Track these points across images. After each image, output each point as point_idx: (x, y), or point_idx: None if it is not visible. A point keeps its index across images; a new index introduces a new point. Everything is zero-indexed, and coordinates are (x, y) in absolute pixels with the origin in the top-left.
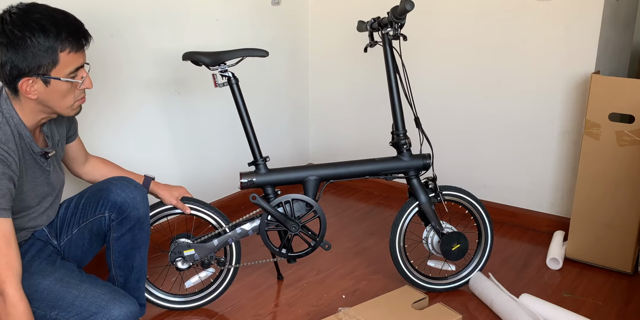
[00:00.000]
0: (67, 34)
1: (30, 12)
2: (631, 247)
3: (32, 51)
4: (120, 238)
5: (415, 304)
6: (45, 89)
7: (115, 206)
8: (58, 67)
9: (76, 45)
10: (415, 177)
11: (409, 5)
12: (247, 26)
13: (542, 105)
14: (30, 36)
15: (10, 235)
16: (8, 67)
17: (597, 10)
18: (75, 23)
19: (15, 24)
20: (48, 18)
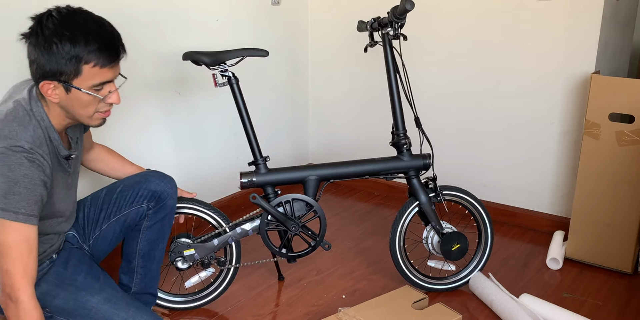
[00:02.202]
0: (95, 47)
1: (67, 18)
2: (631, 247)
3: (56, 57)
4: (152, 227)
5: (415, 304)
6: (66, 96)
7: (155, 196)
8: (80, 78)
9: (103, 60)
10: (415, 177)
11: (409, 5)
12: (247, 26)
13: (542, 105)
14: (57, 42)
15: (33, 243)
16: (34, 67)
17: (597, 11)
18: (109, 37)
19: (49, 26)
20: (81, 27)
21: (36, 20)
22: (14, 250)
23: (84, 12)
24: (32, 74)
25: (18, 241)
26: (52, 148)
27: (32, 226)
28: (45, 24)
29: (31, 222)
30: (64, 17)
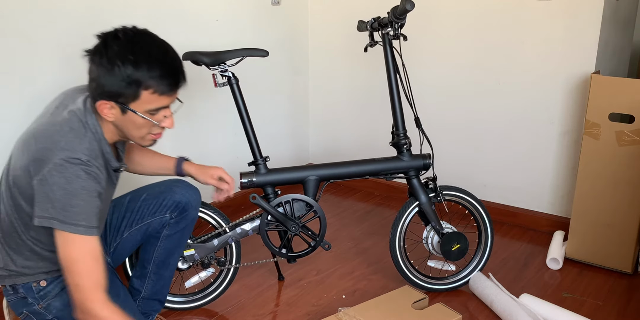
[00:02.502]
0: (157, 74)
1: (132, 41)
2: (631, 247)
3: (117, 79)
4: (172, 236)
5: (415, 304)
6: (121, 116)
7: (179, 206)
8: (138, 102)
9: (163, 88)
10: (416, 177)
11: (409, 5)
12: (247, 26)
13: (542, 105)
14: (120, 65)
15: (98, 254)
16: (94, 85)
17: (597, 11)
18: (172, 64)
19: (114, 48)
20: (145, 52)
21: (102, 39)
22: (80, 263)
23: (149, 35)
24: (91, 91)
25: (82, 254)
26: (104, 160)
27: (93, 237)
28: (110, 44)
29: (92, 233)
30: (129, 40)
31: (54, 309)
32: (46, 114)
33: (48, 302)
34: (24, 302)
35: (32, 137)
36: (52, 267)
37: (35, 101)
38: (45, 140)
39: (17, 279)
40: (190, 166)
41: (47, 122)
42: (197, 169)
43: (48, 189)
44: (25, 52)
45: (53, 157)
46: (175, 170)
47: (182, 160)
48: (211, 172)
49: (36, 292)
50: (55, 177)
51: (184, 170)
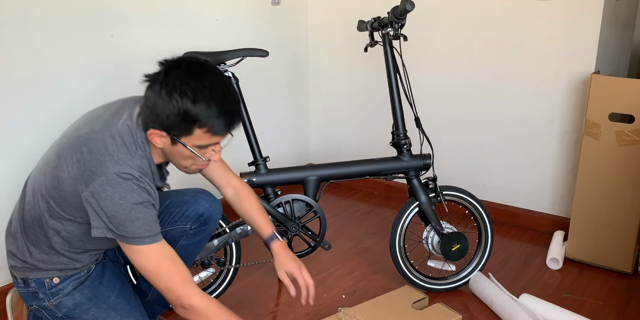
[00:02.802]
0: (214, 115)
1: (195, 75)
2: (631, 247)
3: (173, 113)
4: (187, 246)
5: (415, 304)
6: (170, 146)
7: (200, 219)
8: (190, 137)
9: (217, 128)
10: (416, 177)
11: (409, 6)
12: (247, 26)
13: (542, 105)
14: (178, 99)
15: (171, 253)
16: (149, 111)
17: (597, 10)
18: (230, 107)
19: (175, 81)
20: (206, 90)
21: (164, 68)
22: (160, 269)
23: (212, 70)
24: (144, 116)
25: (158, 260)
26: (151, 177)
27: (161, 242)
28: (171, 75)
29: (158, 240)
30: (191, 73)
31: (65, 308)
32: (99, 119)
33: (59, 300)
34: (35, 297)
35: (84, 144)
36: (67, 265)
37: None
38: (98, 152)
39: (30, 273)
40: (278, 248)
41: (100, 130)
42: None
43: (102, 204)
44: (30, 56)
45: (106, 171)
46: (266, 238)
47: (274, 239)
48: (287, 267)
49: (48, 288)
50: (109, 191)
51: (272, 248)
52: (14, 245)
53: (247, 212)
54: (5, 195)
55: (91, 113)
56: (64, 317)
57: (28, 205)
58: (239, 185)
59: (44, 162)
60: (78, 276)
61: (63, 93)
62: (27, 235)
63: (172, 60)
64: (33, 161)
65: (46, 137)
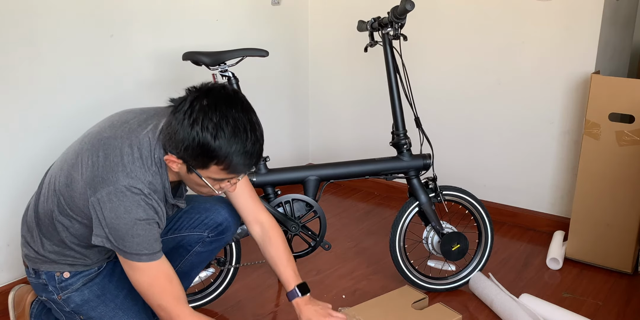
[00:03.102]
0: (233, 155)
1: (220, 110)
2: (631, 247)
3: (192, 145)
4: (201, 253)
5: (415, 304)
6: (186, 173)
7: (219, 228)
8: (206, 170)
9: (233, 168)
10: (416, 177)
11: (409, 6)
12: (247, 26)
13: (542, 105)
14: (199, 132)
15: (169, 272)
16: (168, 137)
17: (597, 11)
18: (251, 149)
19: (199, 114)
20: (229, 128)
21: (190, 97)
22: (154, 287)
23: (240, 104)
24: (164, 139)
25: (152, 279)
26: (162, 194)
27: (160, 260)
28: (196, 106)
29: (156, 258)
30: (216, 107)
31: (72, 303)
32: (125, 125)
33: (68, 295)
34: (44, 289)
35: (102, 149)
36: (77, 260)
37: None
38: (113, 160)
39: (42, 264)
40: (299, 305)
41: (121, 137)
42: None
43: (107, 214)
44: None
45: (116, 182)
46: (288, 292)
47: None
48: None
49: (58, 282)
50: (115, 203)
51: (293, 301)
52: (28, 234)
53: (273, 260)
54: (23, 184)
55: (121, 116)
56: (71, 312)
57: (43, 197)
58: (267, 223)
59: (64, 158)
60: (88, 272)
61: (63, 93)
62: (39, 227)
63: (201, 88)
64: (36, 159)
65: (46, 137)
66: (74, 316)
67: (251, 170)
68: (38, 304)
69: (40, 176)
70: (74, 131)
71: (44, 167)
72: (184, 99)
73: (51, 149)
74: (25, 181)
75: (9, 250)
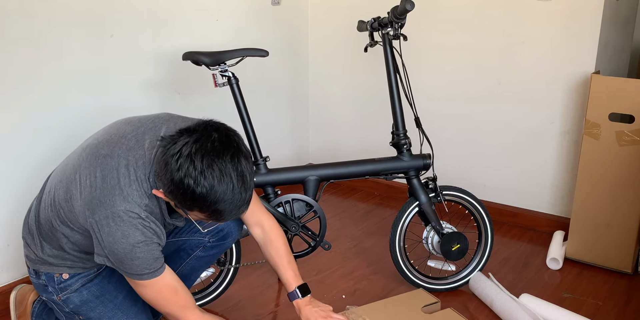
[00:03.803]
0: (217, 204)
1: (208, 158)
2: (631, 247)
3: (176, 188)
4: (203, 258)
5: (425, 308)
6: (174, 205)
7: (220, 234)
8: (190, 212)
9: (215, 218)
10: (416, 177)
11: (409, 5)
12: (247, 26)
13: (542, 105)
14: (183, 178)
15: (173, 284)
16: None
17: (597, 11)
18: (236, 200)
19: (186, 156)
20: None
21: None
22: (159, 299)
23: (230, 151)
24: (154, 173)
25: (156, 292)
26: (159, 214)
27: (164, 274)
28: (184, 151)
29: (158, 274)
30: (204, 156)
31: (72, 304)
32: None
33: (67, 295)
34: (44, 289)
35: (100, 168)
36: (76, 263)
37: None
38: (110, 182)
39: (41, 266)
40: (299, 305)
41: (119, 155)
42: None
43: (105, 237)
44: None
45: (113, 206)
46: (289, 293)
47: (295, 298)
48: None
49: (57, 283)
50: (112, 227)
51: (294, 302)
52: (29, 236)
53: (274, 261)
54: (24, 187)
55: (118, 128)
56: (71, 312)
57: (44, 204)
58: (268, 225)
59: (63, 169)
60: (87, 273)
61: (63, 93)
62: (40, 231)
63: (194, 131)
64: (36, 160)
65: (46, 137)
66: (74, 316)
67: (235, 218)
68: (40, 304)
69: (40, 177)
70: (74, 131)
71: (44, 167)
72: (174, 141)
73: (52, 149)
74: (26, 182)
75: (9, 250)
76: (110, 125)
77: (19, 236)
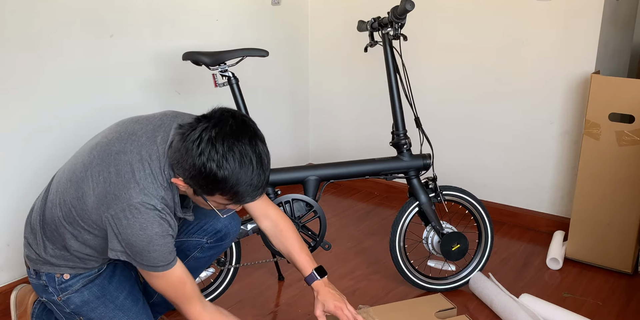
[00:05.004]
0: (237, 187)
1: (227, 142)
2: (631, 247)
3: (197, 173)
4: (200, 258)
5: (439, 313)
6: (192, 194)
7: (218, 235)
8: (211, 197)
9: (237, 200)
10: (416, 177)
11: (409, 5)
12: (247, 26)
13: (542, 105)
14: (205, 162)
15: (182, 276)
16: (176, 160)
17: (597, 11)
18: (256, 182)
19: (206, 141)
20: (235, 162)
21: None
22: (169, 290)
23: (249, 135)
24: (171, 161)
25: (167, 284)
26: (172, 207)
27: (175, 267)
28: (204, 136)
29: (170, 267)
30: (224, 138)
31: (72, 304)
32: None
33: (68, 296)
34: (45, 290)
35: (113, 164)
36: (78, 264)
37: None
38: (125, 176)
39: (42, 266)
40: (318, 287)
41: (131, 151)
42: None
43: (122, 230)
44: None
45: (129, 199)
46: (306, 277)
47: (314, 279)
48: (328, 306)
49: (57, 284)
50: (131, 220)
51: (312, 286)
52: (31, 236)
53: (286, 249)
54: (27, 186)
55: (127, 126)
56: (71, 313)
57: (50, 203)
58: (276, 216)
59: (72, 168)
60: (88, 274)
61: (63, 93)
62: (44, 230)
63: (211, 118)
64: (37, 160)
65: (47, 137)
66: (74, 317)
67: (256, 200)
68: (40, 304)
69: (41, 177)
70: (75, 132)
71: (45, 168)
72: (193, 127)
73: (52, 149)
74: (26, 182)
75: (9, 250)
76: (117, 124)
77: (19, 236)
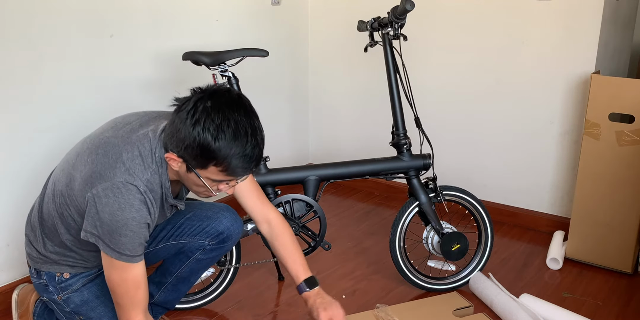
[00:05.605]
0: (232, 158)
1: (223, 112)
2: (631, 247)
3: (192, 144)
4: (202, 260)
5: (457, 311)
6: (185, 172)
7: (220, 237)
8: (204, 171)
9: (231, 171)
10: (416, 177)
11: (409, 5)
12: (247, 26)
13: (542, 105)
14: (200, 133)
15: (139, 279)
16: (170, 136)
17: (597, 10)
18: (251, 153)
19: (201, 116)
20: (230, 131)
21: (195, 97)
22: (121, 286)
23: (243, 107)
24: (166, 137)
25: (123, 279)
26: (161, 193)
27: (137, 264)
28: (199, 107)
29: (135, 261)
30: (219, 109)
31: (72, 304)
32: (126, 126)
33: (68, 295)
34: (45, 289)
35: (102, 147)
36: (77, 261)
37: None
38: (112, 157)
39: (43, 265)
40: (308, 297)
41: (122, 136)
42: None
43: (100, 208)
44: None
45: (113, 177)
46: (297, 286)
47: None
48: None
49: (58, 283)
50: (111, 198)
51: (303, 295)
52: (32, 234)
53: (281, 255)
54: (25, 186)
55: (124, 118)
56: (71, 312)
57: (47, 198)
58: (275, 220)
59: (66, 159)
60: (88, 273)
61: (63, 93)
62: (42, 227)
63: (206, 89)
64: (37, 160)
65: (46, 137)
66: (74, 316)
67: (249, 174)
68: (41, 303)
69: (41, 177)
70: (75, 131)
71: (44, 167)
72: (188, 98)
73: (52, 149)
74: (26, 182)
75: (9, 250)
76: (115, 118)
77: (19, 236)
